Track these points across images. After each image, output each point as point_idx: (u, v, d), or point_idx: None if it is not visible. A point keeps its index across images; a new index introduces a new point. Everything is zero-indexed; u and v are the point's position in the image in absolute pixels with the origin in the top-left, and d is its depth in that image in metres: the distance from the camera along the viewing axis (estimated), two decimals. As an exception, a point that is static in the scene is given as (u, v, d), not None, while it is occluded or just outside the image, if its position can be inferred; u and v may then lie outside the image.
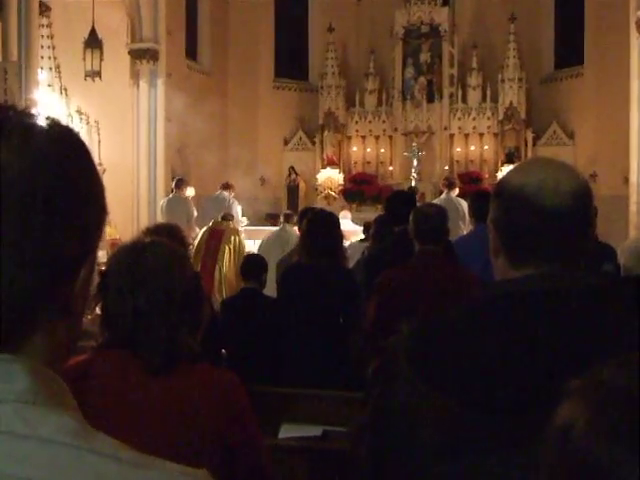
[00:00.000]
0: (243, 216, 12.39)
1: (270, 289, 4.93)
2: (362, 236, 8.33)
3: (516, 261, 1.23)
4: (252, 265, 4.82)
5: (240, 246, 8.53)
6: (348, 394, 3.59)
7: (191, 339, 1.73)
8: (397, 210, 4.71)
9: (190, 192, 10.83)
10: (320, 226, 4.21)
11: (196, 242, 8.64)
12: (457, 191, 9.91)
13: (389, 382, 1.18)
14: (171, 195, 11.00)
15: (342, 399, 3.59)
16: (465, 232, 8.14)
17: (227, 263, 8.46)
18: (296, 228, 6.73)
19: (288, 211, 9.79)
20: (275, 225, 14.63)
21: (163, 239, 1.88)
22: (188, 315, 1.72)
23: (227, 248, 8.48)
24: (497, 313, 1.16)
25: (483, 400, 1.07)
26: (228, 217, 9.00)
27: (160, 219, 10.63)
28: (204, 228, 8.92)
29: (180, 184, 10.80)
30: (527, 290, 1.17)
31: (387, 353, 1.23)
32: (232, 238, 8.55)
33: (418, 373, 1.13)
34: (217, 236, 8.52)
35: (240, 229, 9.62)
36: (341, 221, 4.77)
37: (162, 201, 11.31)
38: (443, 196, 9.83)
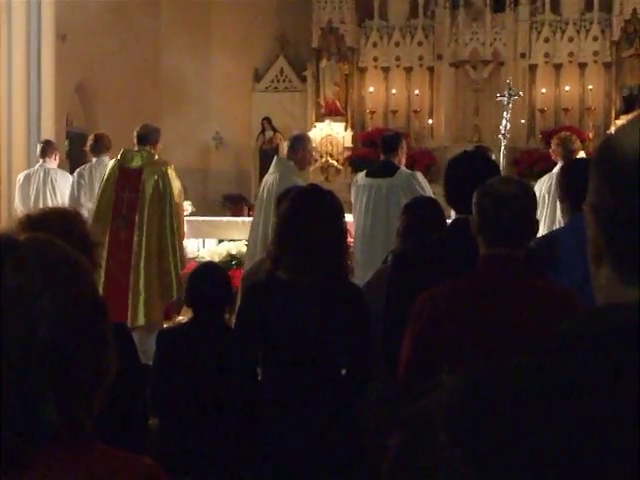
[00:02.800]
0: (186, 200, 12.43)
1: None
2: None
3: (631, 274, 1.24)
4: (205, 291, 4.89)
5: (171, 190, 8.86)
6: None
7: (77, 407, 1.75)
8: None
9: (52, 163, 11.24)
10: (309, 214, 4.21)
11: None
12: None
13: (420, 471, 1.19)
14: (37, 166, 11.31)
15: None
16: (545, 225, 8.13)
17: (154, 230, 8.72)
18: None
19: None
20: (239, 214, 14.75)
21: (48, 236, 1.89)
22: (68, 370, 1.73)
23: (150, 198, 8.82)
24: (606, 363, 1.17)
25: None
26: (150, 138, 9.27)
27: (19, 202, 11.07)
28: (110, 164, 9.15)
29: (47, 150, 11.20)
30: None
31: (415, 424, 1.24)
32: (155, 178, 8.89)
33: (471, 461, 1.14)
34: (130, 181, 8.85)
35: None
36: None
37: (19, 175, 11.67)
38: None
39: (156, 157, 9.26)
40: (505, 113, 13.40)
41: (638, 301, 1.21)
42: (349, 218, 6.02)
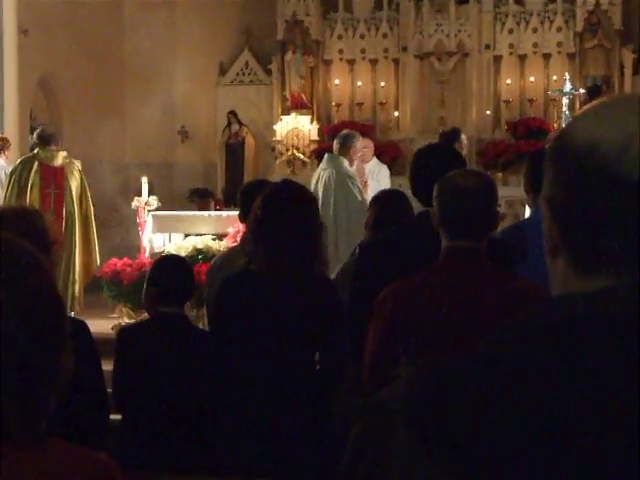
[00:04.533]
0: (152, 194, 12.39)
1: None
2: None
3: (587, 265, 1.25)
4: (170, 279, 4.86)
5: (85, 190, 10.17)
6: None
7: (32, 403, 1.75)
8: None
9: None
10: (284, 209, 4.24)
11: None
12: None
13: (378, 459, 1.20)
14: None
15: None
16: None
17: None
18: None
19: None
20: (205, 208, 14.73)
21: (6, 233, 1.89)
22: (23, 365, 1.73)
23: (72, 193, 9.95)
24: (567, 350, 1.17)
25: None
26: (55, 139, 10.33)
27: None
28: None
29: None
30: (619, 313, 1.18)
31: (373, 414, 1.25)
32: (76, 175, 10.11)
33: (426, 449, 1.15)
34: (55, 178, 9.97)
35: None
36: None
37: None
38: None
39: (67, 156, 10.36)
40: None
41: (596, 292, 1.22)
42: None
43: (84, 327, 4.07)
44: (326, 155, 9.99)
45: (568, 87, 14.15)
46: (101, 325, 10.44)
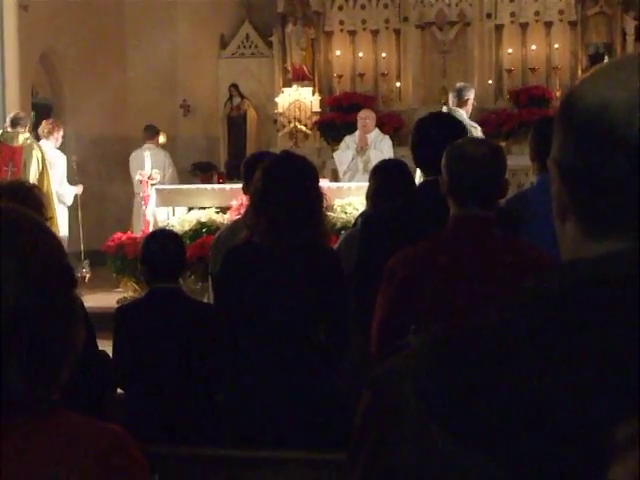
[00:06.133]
0: (154, 168, 12.39)
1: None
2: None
3: (596, 228, 1.24)
4: (158, 255, 4.86)
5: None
6: (332, 456, 3.62)
7: (44, 375, 1.75)
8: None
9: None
10: (285, 180, 4.23)
11: None
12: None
13: (388, 432, 1.19)
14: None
15: (322, 463, 3.62)
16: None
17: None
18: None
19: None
20: (208, 182, 14.70)
21: (19, 206, 1.90)
22: (34, 336, 1.73)
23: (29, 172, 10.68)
24: (568, 319, 1.16)
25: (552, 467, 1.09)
26: (22, 122, 11.34)
27: None
28: None
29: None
30: (626, 276, 1.17)
31: (383, 383, 1.24)
32: (36, 155, 10.95)
33: (436, 419, 1.15)
34: (13, 158, 10.89)
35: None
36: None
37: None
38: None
39: (28, 137, 11.29)
40: None
41: (600, 256, 1.21)
42: (322, 183, 6.05)
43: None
44: (445, 108, 10.08)
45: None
46: (106, 299, 10.48)
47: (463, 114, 9.69)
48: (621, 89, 1.21)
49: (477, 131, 9.76)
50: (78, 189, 12.23)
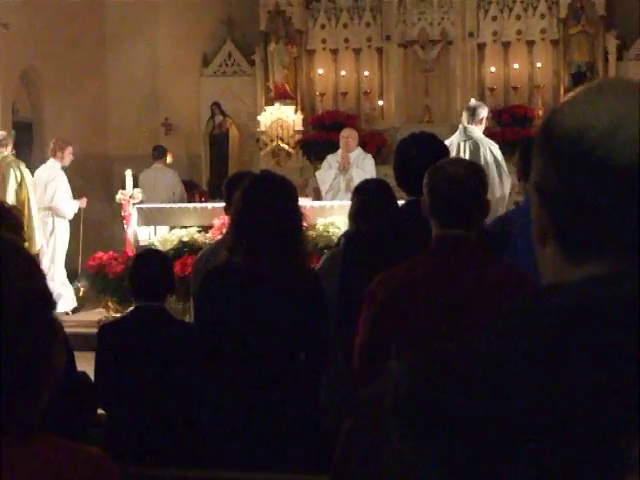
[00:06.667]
0: (136, 187, 12.35)
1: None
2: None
3: (575, 253, 1.24)
4: (145, 275, 4.86)
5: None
6: (316, 478, 3.61)
7: (25, 400, 1.76)
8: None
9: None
10: (264, 200, 4.23)
11: None
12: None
13: (369, 458, 1.20)
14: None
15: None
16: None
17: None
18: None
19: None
20: (190, 201, 14.68)
21: (7, 235, 1.91)
22: (15, 361, 1.74)
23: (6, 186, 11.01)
24: (550, 341, 1.17)
25: None
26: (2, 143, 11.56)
27: None
28: None
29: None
30: (605, 299, 1.17)
31: (364, 409, 1.25)
32: (13, 172, 11.30)
33: (417, 445, 1.15)
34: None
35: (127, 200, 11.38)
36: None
37: None
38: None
39: (7, 155, 11.55)
40: None
41: (579, 280, 1.22)
42: (304, 202, 6.06)
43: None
44: (462, 126, 10.03)
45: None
46: (87, 319, 10.45)
47: (480, 132, 9.78)
48: (600, 114, 1.22)
49: (495, 149, 9.78)
50: (81, 203, 12.41)
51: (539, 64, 15.80)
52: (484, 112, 9.97)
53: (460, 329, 3.23)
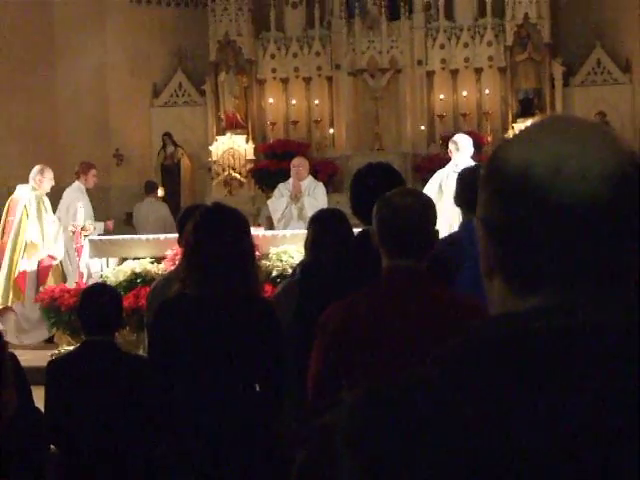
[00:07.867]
0: (88, 220, 12.26)
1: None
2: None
3: (521, 285, 1.26)
4: (93, 310, 4.84)
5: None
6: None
7: None
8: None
9: None
10: (215, 232, 4.23)
11: None
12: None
13: None
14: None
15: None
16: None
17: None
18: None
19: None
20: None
21: None
22: None
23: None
24: (489, 369, 1.18)
25: None
26: None
27: None
28: None
29: None
30: (540, 329, 1.19)
31: (317, 440, 1.24)
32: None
33: (368, 474, 1.15)
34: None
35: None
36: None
37: None
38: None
39: None
40: None
41: (524, 311, 1.23)
42: (256, 231, 6.03)
43: (14, 360, 4.05)
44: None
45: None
46: (40, 354, 10.31)
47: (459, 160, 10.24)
48: (542, 152, 1.24)
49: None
50: (109, 224, 12.84)
51: (487, 91, 15.96)
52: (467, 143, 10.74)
53: (410, 361, 3.23)
